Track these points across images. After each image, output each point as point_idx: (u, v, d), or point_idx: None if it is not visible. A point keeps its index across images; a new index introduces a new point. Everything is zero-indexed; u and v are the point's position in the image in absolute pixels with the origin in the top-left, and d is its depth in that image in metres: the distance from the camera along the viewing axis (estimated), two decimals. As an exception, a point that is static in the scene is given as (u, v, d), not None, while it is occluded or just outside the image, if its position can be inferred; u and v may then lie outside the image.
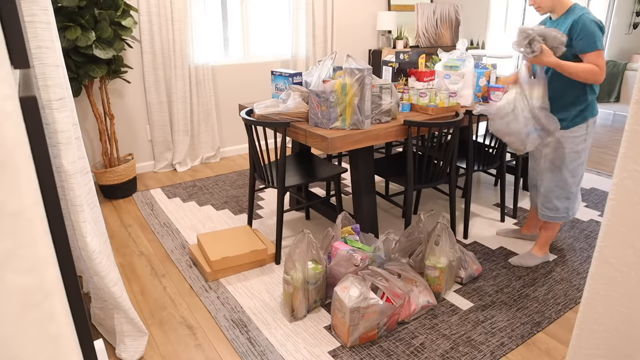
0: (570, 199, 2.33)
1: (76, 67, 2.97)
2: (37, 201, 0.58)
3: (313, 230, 2.96)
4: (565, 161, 2.26)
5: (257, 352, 1.90)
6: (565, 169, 2.27)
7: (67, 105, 1.46)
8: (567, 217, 2.36)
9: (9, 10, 0.64)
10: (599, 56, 2.06)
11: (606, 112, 6.52)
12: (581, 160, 2.27)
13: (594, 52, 2.05)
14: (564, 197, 2.32)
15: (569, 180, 2.29)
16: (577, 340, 1.01)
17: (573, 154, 2.25)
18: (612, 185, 0.87)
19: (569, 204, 2.34)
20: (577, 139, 2.22)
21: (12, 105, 0.53)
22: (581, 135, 2.22)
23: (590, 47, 2.05)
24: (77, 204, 1.52)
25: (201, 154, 4.22)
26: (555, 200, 2.34)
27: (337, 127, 2.27)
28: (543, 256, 2.50)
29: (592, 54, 2.06)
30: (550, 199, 2.35)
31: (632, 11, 7.76)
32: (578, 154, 2.25)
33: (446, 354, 1.89)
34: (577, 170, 2.28)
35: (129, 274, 2.48)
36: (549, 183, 2.33)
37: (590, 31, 2.03)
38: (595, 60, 2.06)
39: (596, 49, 2.05)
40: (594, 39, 2.04)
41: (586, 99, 2.19)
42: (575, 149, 2.24)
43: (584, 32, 2.04)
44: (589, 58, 2.07)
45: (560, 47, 2.07)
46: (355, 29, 4.96)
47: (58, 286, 0.61)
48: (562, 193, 2.32)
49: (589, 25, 2.03)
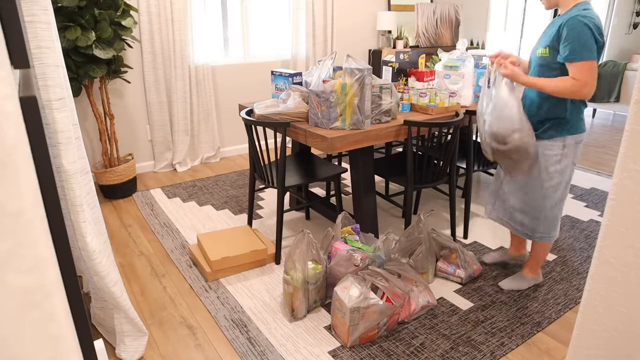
0: (539, 219, 2.07)
1: (76, 67, 2.97)
2: (37, 201, 0.58)
3: (313, 230, 2.96)
4: (533, 179, 2.01)
5: (257, 352, 1.90)
6: (535, 188, 2.02)
7: (67, 105, 1.46)
8: (532, 237, 2.12)
9: (9, 10, 0.64)
10: (584, 68, 1.74)
11: (606, 112, 6.52)
12: (554, 182, 1.97)
13: (579, 62, 1.74)
14: (532, 216, 2.08)
15: (538, 202, 2.03)
16: (577, 340, 1.01)
17: (544, 173, 1.98)
18: (612, 185, 0.87)
19: (537, 224, 2.08)
20: (550, 157, 1.95)
21: (12, 105, 0.53)
22: (555, 155, 1.94)
23: (574, 56, 1.74)
24: (77, 204, 1.52)
25: (201, 154, 4.22)
26: (520, 215, 2.11)
27: (337, 127, 2.27)
28: (534, 277, 2.31)
29: (577, 65, 1.75)
30: (516, 213, 2.14)
31: (632, 11, 7.76)
32: (550, 174, 1.97)
33: (446, 354, 1.89)
34: (549, 193, 2.00)
35: (129, 274, 2.48)
36: (517, 196, 2.11)
37: (578, 36, 1.73)
38: (577, 72, 1.75)
39: (582, 59, 1.73)
40: (581, 47, 1.73)
41: (565, 112, 1.91)
42: (548, 168, 1.96)
43: (571, 37, 1.74)
44: (572, 69, 1.76)
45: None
46: (355, 29, 4.96)
47: (58, 286, 0.61)
48: (532, 212, 2.08)
49: (580, 30, 1.72)
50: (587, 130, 5.57)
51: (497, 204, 2.26)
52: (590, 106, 6.08)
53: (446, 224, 3.03)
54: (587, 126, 5.76)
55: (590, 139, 5.19)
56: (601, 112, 6.51)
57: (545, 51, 1.88)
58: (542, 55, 1.91)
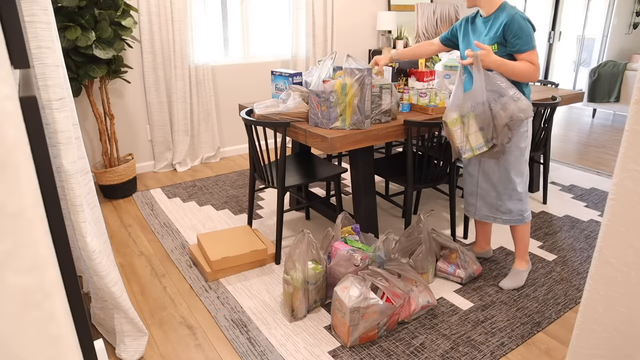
0: (522, 200, 2.23)
1: (76, 67, 2.97)
2: (37, 201, 0.58)
3: (313, 230, 2.96)
4: (510, 160, 2.17)
5: (257, 352, 1.90)
6: (512, 169, 2.19)
7: (67, 105, 1.46)
8: (522, 219, 2.25)
9: (9, 10, 0.64)
10: (534, 55, 2.06)
11: (606, 112, 6.52)
12: (525, 157, 2.20)
13: (529, 50, 2.05)
14: (516, 198, 2.23)
15: (516, 180, 2.20)
16: (577, 340, 1.01)
17: (517, 151, 2.17)
18: (612, 185, 0.87)
19: (521, 205, 2.24)
20: (519, 134, 2.15)
21: (12, 105, 0.53)
22: (523, 132, 2.16)
23: (526, 46, 2.05)
24: (77, 204, 1.52)
25: (201, 154, 4.22)
26: (508, 202, 2.24)
27: (337, 127, 2.27)
28: (527, 267, 2.38)
29: (528, 53, 2.06)
30: (503, 202, 2.24)
31: (632, 11, 7.76)
32: (521, 151, 2.17)
33: (446, 354, 1.89)
34: (521, 168, 2.20)
35: (129, 274, 2.48)
36: (498, 187, 2.23)
37: (526, 30, 2.03)
38: (530, 59, 2.06)
39: (532, 47, 2.05)
40: (530, 38, 2.04)
41: (525, 94, 2.16)
42: (519, 145, 2.16)
43: (520, 31, 2.03)
44: (525, 57, 2.06)
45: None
46: (355, 29, 4.96)
47: (58, 286, 0.61)
48: (514, 194, 2.22)
49: (524, 25, 2.03)
50: (588, 130, 5.58)
51: (479, 203, 2.32)
52: (590, 106, 6.08)
53: (446, 224, 3.03)
54: (587, 126, 5.76)
55: (590, 139, 5.19)
56: (601, 112, 6.51)
57: (494, 47, 2.11)
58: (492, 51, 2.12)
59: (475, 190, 2.31)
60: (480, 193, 2.29)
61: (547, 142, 3.22)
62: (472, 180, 2.32)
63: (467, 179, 2.34)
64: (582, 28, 7.62)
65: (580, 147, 4.87)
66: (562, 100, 3.23)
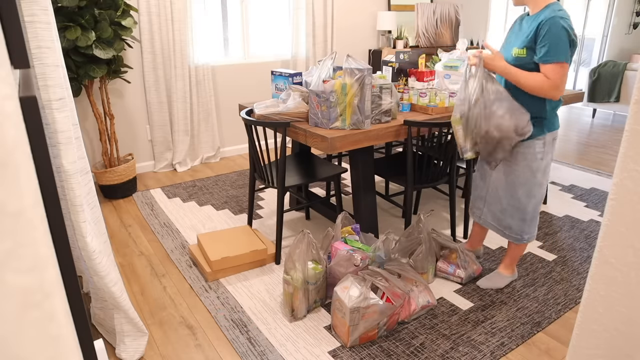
0: (526, 221, 2.10)
1: (76, 67, 2.97)
2: (37, 201, 0.58)
3: (313, 230, 2.96)
4: (519, 178, 2.03)
5: (257, 352, 1.90)
6: (520, 187, 2.04)
7: (67, 105, 1.46)
8: (520, 239, 2.14)
9: (9, 10, 0.64)
10: (556, 69, 1.78)
11: (606, 112, 6.52)
12: (537, 180, 2.02)
13: (553, 63, 1.78)
14: (518, 217, 2.10)
15: (523, 201, 2.06)
16: (577, 340, 1.01)
17: (528, 172, 2.01)
18: (612, 185, 0.87)
19: (524, 226, 2.11)
20: (532, 155, 1.98)
21: (12, 105, 0.53)
22: (537, 153, 1.98)
23: (550, 57, 1.77)
24: (77, 204, 1.52)
25: (201, 154, 4.22)
26: (509, 219, 2.13)
27: (337, 127, 2.27)
28: (511, 275, 2.33)
29: (551, 66, 1.78)
30: (505, 217, 2.14)
31: (632, 11, 7.76)
32: (533, 173, 2.01)
33: (446, 354, 1.89)
34: (533, 191, 2.04)
35: (129, 274, 2.48)
36: (503, 200, 2.12)
37: (556, 38, 1.75)
38: (550, 73, 1.79)
39: (557, 60, 1.77)
40: (557, 49, 1.76)
41: (544, 111, 1.94)
42: (531, 166, 2.00)
43: (549, 37, 1.76)
44: (546, 69, 1.80)
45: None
46: (355, 29, 4.96)
47: (58, 286, 0.61)
48: (517, 213, 2.09)
49: (558, 32, 1.75)
50: (587, 130, 5.57)
51: (485, 209, 2.25)
52: (590, 106, 6.08)
53: (446, 224, 3.03)
54: (587, 126, 5.76)
55: (590, 139, 5.19)
56: (601, 112, 6.51)
57: (522, 52, 1.88)
58: (518, 55, 1.91)
59: (484, 197, 2.24)
60: (488, 200, 2.21)
61: (547, 142, 3.21)
62: (482, 185, 2.24)
63: (479, 183, 2.26)
64: (582, 28, 7.62)
65: (580, 147, 4.87)
66: (562, 100, 3.22)
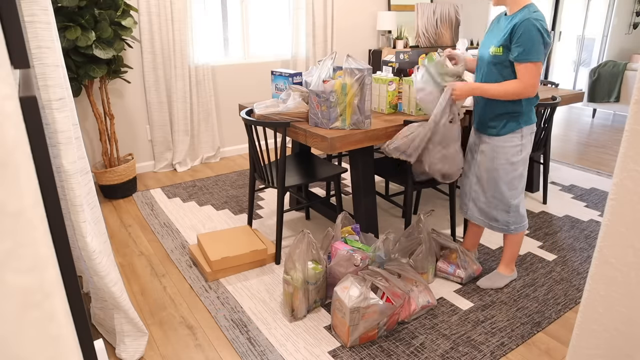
0: (509, 212, 2.17)
1: (76, 67, 2.97)
2: (37, 201, 0.58)
3: (313, 230, 2.96)
4: (500, 172, 2.11)
5: (257, 352, 1.90)
6: (501, 181, 2.12)
7: (67, 105, 1.46)
8: (507, 230, 2.20)
9: (9, 10, 0.64)
10: (529, 69, 1.86)
11: (606, 112, 6.52)
12: (518, 172, 2.11)
13: (527, 63, 1.86)
14: (502, 209, 2.18)
15: (506, 194, 2.14)
16: (577, 340, 1.01)
17: (508, 165, 2.09)
18: (612, 185, 0.87)
19: (508, 217, 2.18)
20: (511, 149, 2.07)
21: (12, 105, 0.53)
22: (516, 146, 2.06)
23: (525, 57, 1.86)
24: (77, 204, 1.52)
25: (201, 154, 4.22)
26: (494, 211, 2.20)
27: (337, 127, 2.27)
28: (511, 274, 2.36)
29: (525, 65, 1.87)
30: (490, 210, 2.21)
31: (632, 11, 7.76)
32: (513, 165, 2.09)
33: (446, 354, 1.89)
34: (514, 183, 2.12)
35: (129, 274, 2.48)
36: (487, 193, 2.20)
37: (531, 39, 1.83)
38: (525, 73, 1.88)
39: (529, 60, 1.85)
40: (531, 49, 1.84)
41: (520, 106, 2.02)
42: (511, 159, 2.08)
43: (524, 38, 1.84)
44: (520, 68, 1.88)
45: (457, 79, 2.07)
46: (355, 29, 4.96)
47: (58, 286, 0.61)
48: (500, 205, 2.17)
49: (532, 33, 1.83)
50: (587, 130, 5.58)
51: (470, 205, 2.31)
52: (590, 106, 6.08)
53: (446, 224, 3.03)
54: (587, 126, 5.76)
55: (590, 139, 5.19)
56: (601, 112, 6.51)
57: (499, 50, 1.96)
58: (495, 53, 1.99)
59: (469, 193, 2.30)
60: (472, 196, 2.28)
61: (547, 142, 3.22)
62: (467, 182, 2.31)
63: (464, 180, 2.34)
64: (582, 28, 7.62)
65: (580, 147, 4.87)
66: (562, 100, 3.23)
